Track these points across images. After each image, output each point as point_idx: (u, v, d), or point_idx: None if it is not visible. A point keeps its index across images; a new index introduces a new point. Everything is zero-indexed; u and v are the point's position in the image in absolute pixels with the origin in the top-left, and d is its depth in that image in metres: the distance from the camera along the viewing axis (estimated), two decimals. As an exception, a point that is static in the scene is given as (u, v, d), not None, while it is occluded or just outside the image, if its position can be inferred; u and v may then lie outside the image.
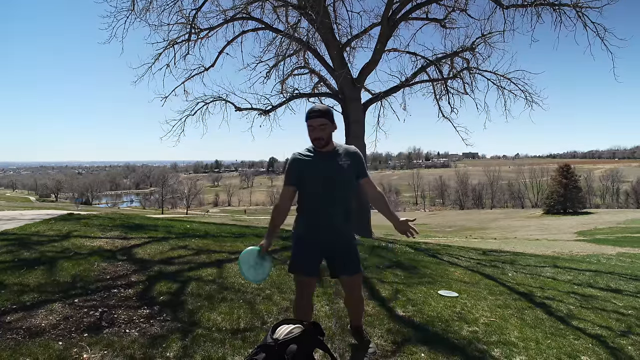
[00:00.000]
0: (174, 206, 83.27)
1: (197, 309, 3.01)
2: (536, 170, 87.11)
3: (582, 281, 5.42)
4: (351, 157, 2.26)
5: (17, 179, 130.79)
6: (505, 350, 2.73)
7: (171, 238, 5.46)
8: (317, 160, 2.22)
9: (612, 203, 76.42)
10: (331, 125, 2.20)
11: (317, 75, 11.04)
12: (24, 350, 2.24)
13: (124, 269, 3.86)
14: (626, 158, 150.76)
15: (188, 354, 2.35)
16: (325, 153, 2.22)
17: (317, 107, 2.19)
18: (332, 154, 2.24)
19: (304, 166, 2.21)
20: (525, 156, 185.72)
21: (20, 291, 3.13)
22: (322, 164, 2.21)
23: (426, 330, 2.97)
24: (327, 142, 2.20)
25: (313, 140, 2.19)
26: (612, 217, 35.13)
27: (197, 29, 9.53)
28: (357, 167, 2.28)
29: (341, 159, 2.23)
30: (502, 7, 8.78)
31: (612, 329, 3.41)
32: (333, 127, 2.22)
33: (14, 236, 5.06)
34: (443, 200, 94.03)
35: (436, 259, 6.25)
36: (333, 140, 2.26)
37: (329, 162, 2.22)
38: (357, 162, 2.28)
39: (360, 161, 2.29)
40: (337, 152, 2.25)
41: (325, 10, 8.90)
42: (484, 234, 27.39)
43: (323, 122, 2.15)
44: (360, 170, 2.30)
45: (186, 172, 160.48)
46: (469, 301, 3.80)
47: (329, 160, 2.22)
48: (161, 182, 79.55)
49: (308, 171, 2.20)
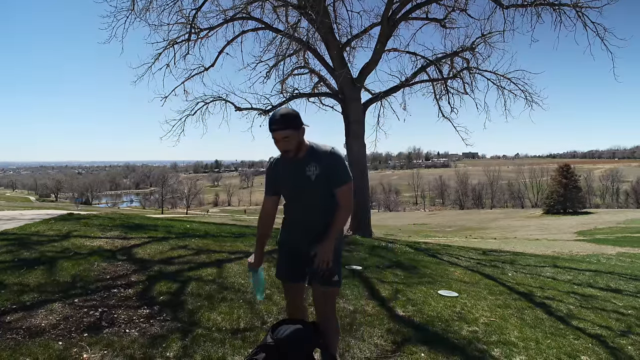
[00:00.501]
0: (174, 206, 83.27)
1: (197, 309, 3.01)
2: (536, 170, 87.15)
3: (582, 281, 5.42)
4: (324, 164, 1.98)
5: (17, 179, 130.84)
6: (505, 350, 2.73)
7: (171, 238, 5.46)
8: (289, 167, 2.04)
9: (612, 203, 76.44)
10: (298, 133, 1.93)
11: (317, 75, 11.04)
12: (24, 350, 2.24)
13: (124, 269, 3.86)
14: (626, 158, 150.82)
15: (188, 353, 2.35)
16: (296, 161, 2.01)
17: (279, 114, 1.90)
18: (303, 162, 2.01)
19: (277, 174, 2.10)
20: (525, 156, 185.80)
21: (20, 291, 3.13)
22: (293, 173, 2.04)
23: (426, 330, 2.97)
24: (296, 152, 1.98)
25: (281, 152, 1.99)
26: (612, 217, 35.15)
27: (197, 29, 9.52)
28: (330, 174, 1.99)
29: (312, 168, 1.99)
30: (502, 7, 8.78)
31: (612, 328, 3.41)
32: (300, 133, 1.95)
33: (14, 236, 5.06)
34: (443, 200, 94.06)
35: (436, 258, 6.25)
36: (307, 142, 2.02)
37: (299, 171, 2.01)
38: (331, 169, 1.98)
39: (334, 167, 1.99)
40: (309, 159, 2.01)
41: (325, 10, 8.90)
42: (483, 233, 27.39)
43: (286, 135, 1.89)
44: (333, 178, 1.99)
45: (186, 172, 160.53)
46: (469, 301, 3.80)
47: (299, 169, 2.01)
48: (161, 182, 79.56)
49: (281, 180, 2.09)
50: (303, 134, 1.98)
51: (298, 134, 1.93)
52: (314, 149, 2.02)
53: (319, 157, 1.99)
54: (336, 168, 1.99)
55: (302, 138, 1.98)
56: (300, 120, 1.96)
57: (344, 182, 1.99)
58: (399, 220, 49.44)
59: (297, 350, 1.80)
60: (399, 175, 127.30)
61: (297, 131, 1.92)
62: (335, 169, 1.99)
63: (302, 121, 1.97)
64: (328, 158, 1.99)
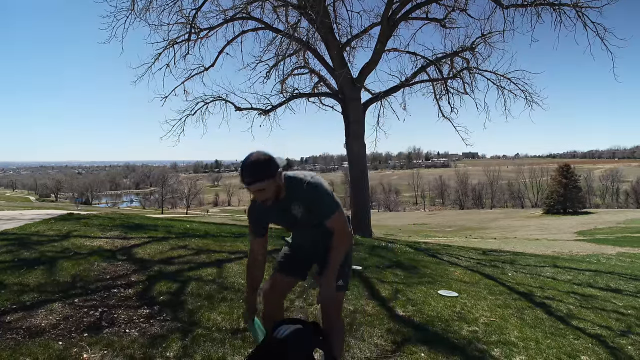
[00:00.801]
0: (174, 206, 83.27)
1: (197, 309, 3.01)
2: (536, 170, 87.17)
3: (581, 281, 5.42)
4: (305, 202, 1.85)
5: (17, 179, 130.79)
6: (505, 350, 2.73)
7: (171, 238, 5.46)
8: (272, 209, 1.90)
9: (612, 203, 76.46)
10: (273, 181, 1.72)
11: (317, 75, 11.04)
12: (23, 350, 2.24)
13: (124, 269, 3.86)
14: (626, 158, 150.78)
15: (188, 353, 2.35)
16: (278, 203, 1.86)
17: (250, 166, 1.69)
18: (285, 203, 1.87)
19: (262, 215, 1.95)
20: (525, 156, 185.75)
21: (20, 291, 3.13)
22: (278, 214, 1.93)
23: (426, 330, 2.97)
24: (276, 197, 1.81)
25: (259, 202, 1.83)
26: (612, 217, 35.17)
27: (197, 29, 9.52)
28: (314, 209, 1.86)
29: (295, 207, 1.88)
30: (502, 7, 8.77)
31: (611, 328, 3.41)
32: (276, 180, 1.73)
33: (14, 236, 5.06)
34: (443, 200, 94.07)
35: (436, 258, 6.25)
36: (283, 180, 1.81)
37: (284, 211, 1.90)
38: (312, 203, 1.85)
39: (315, 201, 1.84)
40: (290, 198, 1.86)
41: (325, 10, 8.90)
42: (483, 233, 27.40)
43: (260, 188, 1.70)
44: (318, 212, 1.86)
45: (186, 172, 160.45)
46: (469, 301, 3.80)
47: (284, 210, 1.90)
48: (161, 182, 79.55)
49: (269, 219, 1.98)
50: (280, 177, 1.77)
51: (274, 181, 1.73)
52: (291, 185, 1.84)
53: (297, 194, 1.83)
54: (318, 202, 1.84)
55: (279, 181, 1.77)
56: (275, 164, 1.73)
57: (330, 213, 1.85)
58: (399, 220, 49.45)
59: (297, 350, 1.80)
60: (399, 175, 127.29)
61: (273, 179, 1.71)
62: (317, 203, 1.84)
63: (276, 164, 1.74)
64: (306, 193, 1.82)
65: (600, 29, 8.03)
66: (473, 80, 10.30)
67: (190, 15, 9.26)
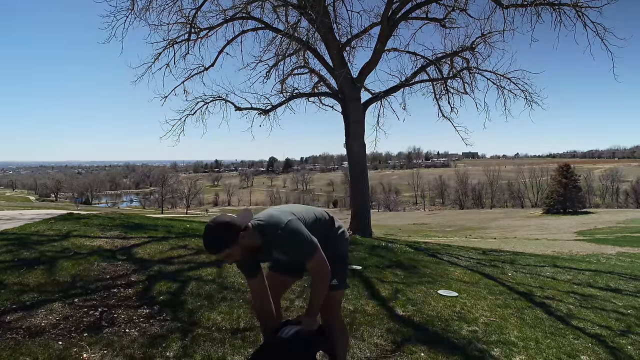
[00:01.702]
0: (174, 206, 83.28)
1: (197, 309, 3.01)
2: (536, 170, 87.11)
3: (581, 281, 5.43)
4: (281, 250, 1.83)
5: (17, 179, 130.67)
6: (505, 350, 2.73)
7: (171, 238, 5.46)
8: (255, 257, 1.88)
9: (611, 203, 76.43)
10: (236, 245, 1.68)
11: (317, 74, 11.04)
12: (23, 350, 2.24)
13: (124, 269, 3.86)
14: (626, 158, 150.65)
15: (188, 353, 2.35)
16: (259, 250, 1.83)
17: (207, 239, 1.68)
18: (264, 251, 1.85)
19: (248, 264, 1.92)
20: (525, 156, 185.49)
21: (20, 291, 3.13)
22: (263, 257, 1.93)
23: (426, 330, 2.98)
24: (250, 252, 1.78)
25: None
26: (612, 217, 35.15)
27: (197, 29, 9.52)
28: (291, 255, 1.86)
29: (276, 253, 1.86)
30: (501, 7, 8.78)
31: (611, 328, 3.41)
32: (243, 238, 1.69)
33: (14, 236, 5.06)
34: (443, 199, 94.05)
35: (436, 258, 6.25)
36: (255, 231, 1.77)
37: (268, 258, 1.94)
38: (288, 249, 1.82)
39: (289, 247, 1.80)
40: (268, 247, 1.83)
41: (325, 9, 8.90)
42: (483, 233, 27.39)
43: (225, 255, 1.70)
44: (299, 256, 1.84)
45: (186, 171, 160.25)
46: (469, 301, 3.80)
47: (267, 257, 1.93)
48: (161, 181, 79.54)
49: (255, 263, 1.94)
50: (248, 236, 1.72)
51: (238, 245, 1.68)
52: (266, 233, 1.78)
53: (274, 240, 1.79)
54: (292, 247, 1.80)
55: (248, 239, 1.73)
56: (234, 228, 1.67)
57: (309, 256, 1.80)
58: (399, 220, 49.43)
59: (300, 351, 1.80)
60: (399, 175, 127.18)
61: (237, 243, 1.67)
62: (291, 248, 1.81)
63: (236, 228, 1.67)
64: (281, 239, 1.77)
65: (600, 29, 8.05)
66: (473, 80, 10.32)
67: (190, 15, 9.27)
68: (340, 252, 2.08)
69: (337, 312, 2.14)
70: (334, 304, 2.07)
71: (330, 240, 2.01)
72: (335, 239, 2.06)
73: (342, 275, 2.05)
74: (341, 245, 2.09)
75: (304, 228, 1.82)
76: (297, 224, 1.80)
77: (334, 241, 2.05)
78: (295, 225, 1.79)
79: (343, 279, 2.07)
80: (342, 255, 2.10)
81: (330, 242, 2.00)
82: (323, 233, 1.97)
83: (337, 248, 2.05)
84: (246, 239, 1.72)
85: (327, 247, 1.89)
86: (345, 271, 2.10)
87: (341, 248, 2.09)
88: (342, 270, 2.07)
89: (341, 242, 2.09)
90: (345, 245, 2.13)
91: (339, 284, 2.02)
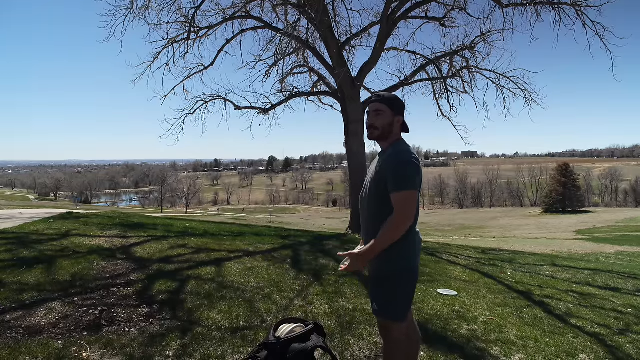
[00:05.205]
0: (173, 205, 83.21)
1: (196, 308, 3.01)
2: (535, 169, 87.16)
3: (580, 280, 5.43)
4: (387, 163, 1.75)
5: (16, 178, 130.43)
6: (504, 349, 2.74)
7: (170, 237, 5.46)
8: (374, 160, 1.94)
9: (611, 202, 76.52)
10: (390, 113, 1.80)
11: (317, 74, 11.04)
12: (23, 349, 2.24)
13: (123, 268, 3.86)
14: (625, 157, 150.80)
15: (187, 352, 2.35)
16: (381, 151, 1.90)
17: (382, 92, 1.94)
18: (381, 154, 1.87)
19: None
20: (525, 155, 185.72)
21: (20, 290, 3.13)
22: (372, 166, 1.92)
23: (425, 329, 2.98)
24: (381, 134, 1.83)
25: (367, 127, 1.87)
26: (611, 216, 35.20)
27: (197, 28, 9.52)
28: (388, 176, 1.72)
29: (381, 162, 1.80)
30: (501, 6, 8.78)
31: (610, 327, 3.42)
32: (394, 117, 1.81)
33: (13, 235, 5.06)
34: (442, 198, 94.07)
35: (435, 257, 6.26)
36: (394, 138, 1.83)
37: (374, 164, 1.89)
38: (390, 170, 1.71)
39: (392, 169, 1.71)
40: (386, 153, 1.83)
41: (325, 8, 8.89)
42: (483, 232, 27.41)
43: (379, 108, 1.81)
44: (389, 181, 1.71)
45: (185, 170, 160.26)
46: (468, 300, 3.81)
47: (375, 163, 1.88)
48: (160, 180, 79.44)
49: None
50: (397, 122, 1.84)
51: (392, 115, 1.84)
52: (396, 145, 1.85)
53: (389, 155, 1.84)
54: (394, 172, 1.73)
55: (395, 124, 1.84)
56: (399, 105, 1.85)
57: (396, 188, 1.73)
58: (399, 219, 49.31)
59: (298, 349, 1.80)
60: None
61: (391, 111, 1.83)
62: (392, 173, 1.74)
63: (400, 107, 1.85)
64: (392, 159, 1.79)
65: (599, 28, 8.06)
66: (472, 79, 10.33)
67: (190, 14, 9.26)
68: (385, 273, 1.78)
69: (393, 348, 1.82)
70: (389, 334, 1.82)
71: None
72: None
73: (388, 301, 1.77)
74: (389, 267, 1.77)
75: (418, 171, 1.72)
76: (417, 163, 1.73)
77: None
78: (414, 161, 1.72)
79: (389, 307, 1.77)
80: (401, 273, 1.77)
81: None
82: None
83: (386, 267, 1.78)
84: (392, 119, 1.82)
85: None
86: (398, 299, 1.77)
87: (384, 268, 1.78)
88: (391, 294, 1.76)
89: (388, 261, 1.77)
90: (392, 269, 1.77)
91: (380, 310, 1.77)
